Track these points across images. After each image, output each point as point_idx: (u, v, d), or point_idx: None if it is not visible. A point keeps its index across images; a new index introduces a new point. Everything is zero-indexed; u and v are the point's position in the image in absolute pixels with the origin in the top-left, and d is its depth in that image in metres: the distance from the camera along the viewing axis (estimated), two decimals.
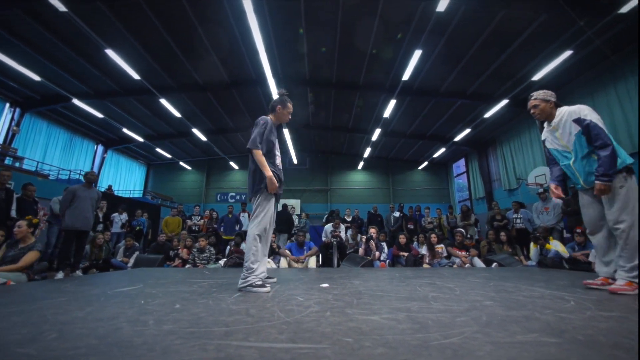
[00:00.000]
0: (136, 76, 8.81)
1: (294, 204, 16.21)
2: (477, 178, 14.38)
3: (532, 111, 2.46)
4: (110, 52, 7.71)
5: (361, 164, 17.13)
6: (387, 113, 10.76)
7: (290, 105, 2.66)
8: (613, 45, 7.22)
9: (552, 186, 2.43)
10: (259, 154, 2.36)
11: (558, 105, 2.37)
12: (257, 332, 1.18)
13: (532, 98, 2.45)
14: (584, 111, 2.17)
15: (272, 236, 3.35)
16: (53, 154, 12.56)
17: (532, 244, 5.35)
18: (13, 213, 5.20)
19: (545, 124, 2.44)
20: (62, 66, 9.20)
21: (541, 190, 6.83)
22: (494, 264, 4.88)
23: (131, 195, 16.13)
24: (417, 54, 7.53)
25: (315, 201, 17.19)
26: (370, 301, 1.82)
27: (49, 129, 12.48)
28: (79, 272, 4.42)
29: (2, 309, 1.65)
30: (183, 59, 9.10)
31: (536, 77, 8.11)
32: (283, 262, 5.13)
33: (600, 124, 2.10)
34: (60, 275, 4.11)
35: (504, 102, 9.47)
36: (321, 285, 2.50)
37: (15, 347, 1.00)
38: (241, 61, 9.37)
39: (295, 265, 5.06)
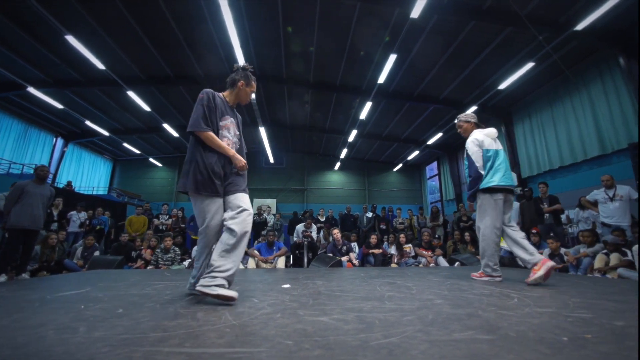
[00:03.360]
0: (101, 66, 8.29)
1: (270, 203, 16.01)
2: (448, 180, 14.96)
3: (458, 130, 3.05)
4: (71, 39, 7.19)
5: (338, 164, 17.26)
6: (363, 115, 10.91)
7: (254, 83, 2.20)
8: (568, 60, 7.77)
9: None
10: (209, 136, 1.89)
11: (479, 125, 2.95)
12: (195, 337, 1.12)
13: (457, 120, 3.05)
14: (468, 144, 2.85)
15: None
16: (4, 146, 11.51)
17: None
18: None
19: None
20: (15, 51, 8.45)
21: None
22: (457, 263, 5.07)
23: (94, 192, 15.19)
24: (392, 58, 7.70)
25: (291, 201, 17.08)
26: (326, 301, 1.81)
27: (0, 119, 11.44)
28: (25, 275, 4.08)
29: None
30: (154, 50, 8.69)
31: (502, 86, 8.55)
32: (251, 263, 5.03)
33: (477, 156, 2.79)
34: (2, 278, 3.77)
35: (473, 108, 9.91)
36: (282, 285, 2.47)
37: None
38: (216, 56, 9.11)
39: (264, 265, 4.98)
